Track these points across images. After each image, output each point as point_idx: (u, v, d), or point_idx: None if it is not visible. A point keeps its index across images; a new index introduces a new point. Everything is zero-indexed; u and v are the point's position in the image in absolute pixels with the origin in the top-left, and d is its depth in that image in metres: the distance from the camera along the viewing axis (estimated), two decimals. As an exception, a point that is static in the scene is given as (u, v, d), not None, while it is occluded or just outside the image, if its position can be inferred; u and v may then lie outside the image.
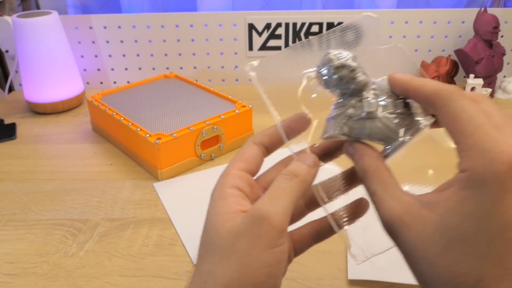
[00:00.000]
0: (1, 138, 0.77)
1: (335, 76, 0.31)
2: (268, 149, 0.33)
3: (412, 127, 0.30)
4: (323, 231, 0.33)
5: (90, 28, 0.94)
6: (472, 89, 0.86)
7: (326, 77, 0.31)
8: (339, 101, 0.32)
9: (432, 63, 0.92)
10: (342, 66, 0.31)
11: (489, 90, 0.86)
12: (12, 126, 0.81)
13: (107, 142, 0.75)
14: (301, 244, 0.34)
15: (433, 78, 0.89)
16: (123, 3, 0.99)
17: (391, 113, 0.30)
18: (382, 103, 0.30)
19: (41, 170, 0.67)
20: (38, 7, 0.99)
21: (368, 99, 0.31)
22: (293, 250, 0.34)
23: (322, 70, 0.32)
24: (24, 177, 0.65)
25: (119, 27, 0.95)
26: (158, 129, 0.65)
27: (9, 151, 0.73)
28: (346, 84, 0.31)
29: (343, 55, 0.31)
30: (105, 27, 0.95)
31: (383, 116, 0.30)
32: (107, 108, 0.72)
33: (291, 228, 0.33)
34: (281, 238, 0.27)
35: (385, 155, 0.30)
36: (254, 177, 0.33)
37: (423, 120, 0.31)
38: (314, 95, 0.33)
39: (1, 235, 0.53)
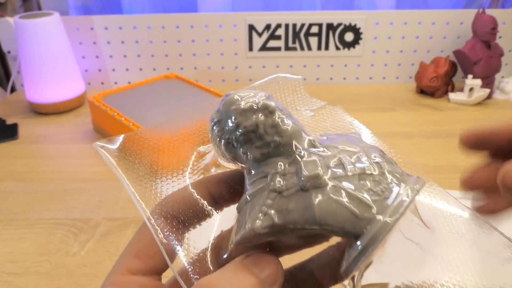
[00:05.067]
0: (3, 138, 0.77)
1: (243, 127, 0.19)
2: (187, 224, 0.22)
3: (399, 191, 0.19)
4: None
5: (91, 29, 0.95)
6: (471, 89, 0.87)
7: (230, 132, 0.20)
8: (255, 171, 0.20)
9: (431, 63, 0.92)
10: (254, 109, 0.19)
11: (488, 90, 0.87)
12: (14, 126, 0.81)
13: (108, 142, 0.76)
14: None
15: (431, 78, 0.90)
16: (124, 4, 0.99)
17: (351, 175, 0.18)
18: (333, 160, 0.19)
19: (42, 170, 0.68)
20: (39, 8, 1.00)
21: (305, 155, 0.19)
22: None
23: (220, 121, 0.20)
24: (26, 177, 0.66)
25: (120, 28, 0.95)
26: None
27: (11, 151, 0.74)
28: (263, 137, 0.19)
29: (251, 94, 0.20)
30: (106, 28, 0.95)
31: (339, 180, 0.18)
32: (108, 109, 0.72)
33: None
34: None
35: (349, 267, 0.18)
36: (164, 279, 0.22)
37: (414, 177, 0.20)
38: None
39: (3, 234, 0.54)
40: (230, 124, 0.20)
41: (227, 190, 0.22)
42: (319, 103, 0.26)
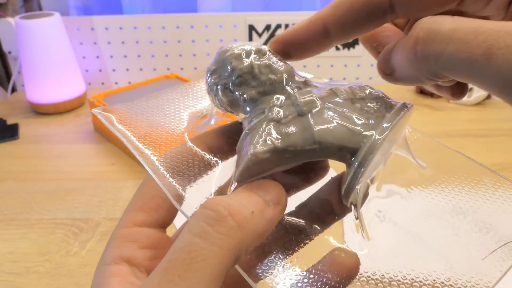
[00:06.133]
0: (3, 138, 0.77)
1: (239, 69, 0.20)
2: (188, 177, 0.22)
3: (387, 112, 0.21)
4: None
5: (92, 29, 0.95)
6: (470, 89, 0.87)
7: (226, 78, 0.21)
8: (252, 110, 0.21)
9: (431, 64, 0.92)
10: (248, 53, 0.21)
11: (488, 90, 0.87)
12: (15, 127, 0.81)
13: (109, 142, 0.76)
14: None
15: (432, 78, 0.90)
16: (124, 4, 0.99)
17: (344, 100, 0.20)
18: (326, 90, 0.21)
19: (43, 170, 0.68)
20: (40, 9, 1.00)
21: (299, 90, 0.21)
22: None
23: (217, 69, 0.22)
24: (26, 177, 0.66)
25: (121, 28, 0.95)
26: (158, 130, 0.65)
27: (11, 151, 0.74)
28: (258, 77, 0.20)
29: (243, 43, 0.22)
30: (106, 28, 0.95)
31: (333, 104, 0.20)
32: (109, 109, 0.72)
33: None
34: None
35: (349, 184, 0.20)
36: (170, 232, 0.22)
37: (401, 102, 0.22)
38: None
39: (3, 234, 0.54)
40: (227, 69, 0.21)
41: (225, 142, 0.23)
42: (305, 75, 0.27)
